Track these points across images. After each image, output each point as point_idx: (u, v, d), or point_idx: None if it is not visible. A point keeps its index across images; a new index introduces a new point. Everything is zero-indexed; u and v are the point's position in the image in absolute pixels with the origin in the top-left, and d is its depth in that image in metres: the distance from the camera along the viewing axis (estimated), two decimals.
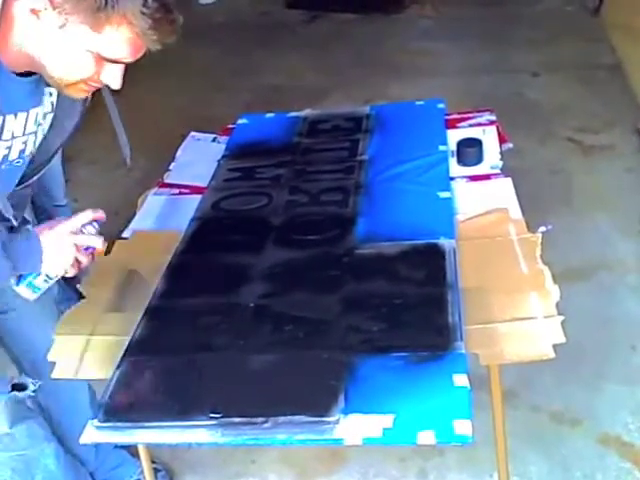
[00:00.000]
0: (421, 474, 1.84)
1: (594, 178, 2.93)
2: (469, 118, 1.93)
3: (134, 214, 1.73)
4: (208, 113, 3.51)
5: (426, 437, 1.03)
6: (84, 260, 1.27)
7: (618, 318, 2.22)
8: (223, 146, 1.96)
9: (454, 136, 1.81)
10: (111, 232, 1.73)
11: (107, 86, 1.14)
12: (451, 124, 1.89)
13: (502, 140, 1.82)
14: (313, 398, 1.11)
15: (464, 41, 4.37)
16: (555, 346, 1.19)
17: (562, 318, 1.21)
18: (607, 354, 2.09)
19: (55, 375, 1.30)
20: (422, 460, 1.86)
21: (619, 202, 2.76)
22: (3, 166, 1.19)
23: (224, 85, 4.14)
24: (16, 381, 1.39)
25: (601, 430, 1.88)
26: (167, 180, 1.85)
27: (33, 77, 1.14)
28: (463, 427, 1.03)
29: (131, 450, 1.78)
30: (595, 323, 2.16)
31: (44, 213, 2.31)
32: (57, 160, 2.28)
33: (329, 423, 1.06)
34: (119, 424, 1.13)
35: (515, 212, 1.51)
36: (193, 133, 2.07)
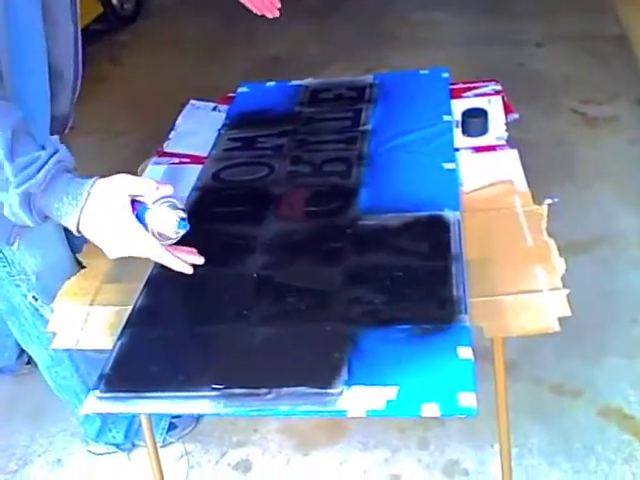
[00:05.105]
0: (422, 444, 1.84)
1: (598, 150, 2.91)
2: (474, 88, 1.90)
3: None
4: (207, 83, 3.47)
5: (430, 409, 1.03)
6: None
7: (620, 291, 2.21)
8: (223, 115, 1.93)
9: (459, 106, 1.78)
10: None
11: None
12: (456, 94, 1.86)
13: (508, 110, 1.79)
14: (316, 370, 1.10)
15: (466, 11, 4.31)
16: (559, 319, 1.18)
17: (568, 291, 1.20)
18: (608, 326, 2.09)
19: (55, 345, 1.29)
20: (423, 430, 1.86)
21: (622, 174, 2.74)
22: None
23: (223, 55, 4.09)
24: None
25: (602, 402, 1.88)
26: (167, 149, 1.82)
27: None
28: (468, 399, 1.02)
29: None
30: (597, 296, 2.16)
31: None
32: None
33: (332, 395, 1.06)
34: (121, 394, 1.12)
35: (521, 184, 1.49)
36: (193, 101, 2.04)
